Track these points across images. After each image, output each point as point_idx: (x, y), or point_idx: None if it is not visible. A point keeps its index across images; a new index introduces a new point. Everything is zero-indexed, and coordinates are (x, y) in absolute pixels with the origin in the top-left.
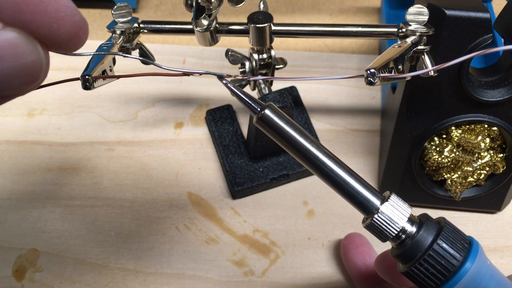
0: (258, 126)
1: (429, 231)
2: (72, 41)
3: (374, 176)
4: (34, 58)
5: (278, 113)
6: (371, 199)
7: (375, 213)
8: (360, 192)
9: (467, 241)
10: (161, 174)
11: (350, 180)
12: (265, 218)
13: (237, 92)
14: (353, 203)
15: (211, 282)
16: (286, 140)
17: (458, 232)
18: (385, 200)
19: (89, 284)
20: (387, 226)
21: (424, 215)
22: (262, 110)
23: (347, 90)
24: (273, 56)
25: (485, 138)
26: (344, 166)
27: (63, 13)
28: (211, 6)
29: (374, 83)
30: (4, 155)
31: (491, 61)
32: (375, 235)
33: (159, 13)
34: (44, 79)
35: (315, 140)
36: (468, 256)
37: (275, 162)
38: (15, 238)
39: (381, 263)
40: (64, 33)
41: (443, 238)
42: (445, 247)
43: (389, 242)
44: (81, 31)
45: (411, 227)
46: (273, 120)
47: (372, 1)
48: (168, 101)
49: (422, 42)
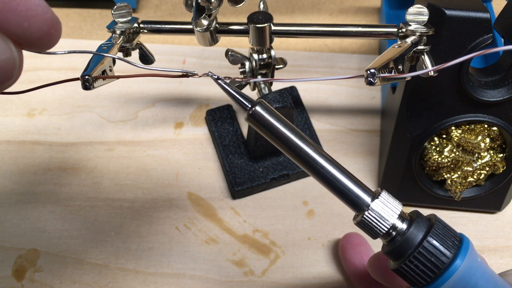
0: (249, 123)
1: (420, 228)
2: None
3: (374, 176)
4: (7, 56)
5: (269, 110)
6: (361, 196)
7: (366, 210)
8: (351, 189)
9: (457, 238)
10: (161, 174)
11: (341, 177)
12: (265, 218)
13: (228, 89)
14: (343, 200)
15: (211, 282)
16: (277, 137)
17: (448, 229)
18: (376, 197)
19: (89, 284)
20: (377, 223)
21: (414, 212)
22: (253, 107)
23: (347, 90)
24: (273, 56)
25: (485, 138)
26: (335, 163)
27: (34, 11)
28: (211, 6)
29: (374, 83)
30: (4, 155)
31: (491, 61)
32: (366, 232)
33: (159, 13)
34: (18, 77)
35: (307, 137)
36: (459, 253)
37: (275, 162)
38: (15, 238)
39: (374, 264)
40: (36, 31)
41: (433, 235)
42: (435, 244)
43: (380, 239)
44: (53, 29)
45: (402, 224)
46: (264, 117)
47: (372, 1)
48: (168, 101)
49: (422, 42)
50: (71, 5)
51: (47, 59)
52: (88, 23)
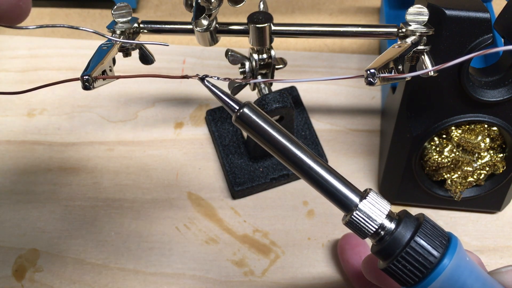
0: (236, 125)
1: (408, 228)
2: (13, 11)
3: (374, 176)
4: None
5: (257, 111)
6: (349, 196)
7: (354, 210)
8: (339, 189)
9: (445, 237)
10: (161, 174)
11: (328, 177)
12: (265, 218)
13: (215, 91)
14: (332, 200)
15: (211, 282)
16: (265, 138)
17: (437, 228)
18: (364, 197)
19: (89, 284)
20: (365, 223)
21: (403, 212)
22: (241, 109)
23: (347, 90)
24: (273, 56)
25: (485, 138)
26: (323, 164)
27: None
28: (211, 6)
29: (374, 83)
30: (4, 155)
31: (491, 61)
32: (355, 232)
33: (159, 13)
34: None
35: (295, 138)
36: (446, 253)
37: (275, 162)
38: (15, 238)
39: (367, 265)
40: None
41: (421, 235)
42: (423, 244)
43: (369, 239)
44: (22, 1)
45: (390, 223)
46: (251, 118)
47: (372, 1)
48: (168, 101)
49: (422, 42)
50: (71, 5)
51: (47, 59)
52: (88, 23)
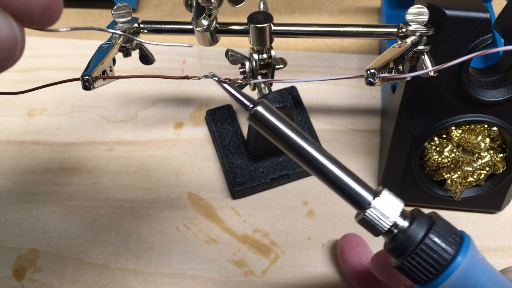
0: (250, 123)
1: (421, 226)
2: (45, 14)
3: (374, 176)
4: (9, 33)
5: (271, 109)
6: (363, 194)
7: (367, 208)
8: (352, 187)
9: (458, 235)
10: (161, 174)
11: (342, 175)
12: (265, 218)
13: (229, 89)
14: (345, 198)
15: (211, 282)
16: (279, 136)
17: (450, 226)
18: (377, 195)
19: (89, 284)
20: (379, 221)
21: (416, 210)
22: (255, 107)
23: (347, 90)
24: (273, 56)
25: (485, 138)
26: (336, 162)
27: None
28: (211, 6)
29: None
30: (4, 155)
31: (491, 61)
32: (368, 230)
33: (159, 13)
34: (20, 56)
35: (308, 136)
36: (460, 250)
37: (275, 162)
38: (15, 238)
39: (376, 262)
40: (36, 6)
41: (435, 232)
42: (437, 241)
43: (382, 237)
44: (54, 4)
45: (403, 221)
46: (265, 116)
47: (372, 1)
48: (168, 101)
49: (422, 42)
50: (71, 5)
51: (47, 59)
52: (88, 23)
